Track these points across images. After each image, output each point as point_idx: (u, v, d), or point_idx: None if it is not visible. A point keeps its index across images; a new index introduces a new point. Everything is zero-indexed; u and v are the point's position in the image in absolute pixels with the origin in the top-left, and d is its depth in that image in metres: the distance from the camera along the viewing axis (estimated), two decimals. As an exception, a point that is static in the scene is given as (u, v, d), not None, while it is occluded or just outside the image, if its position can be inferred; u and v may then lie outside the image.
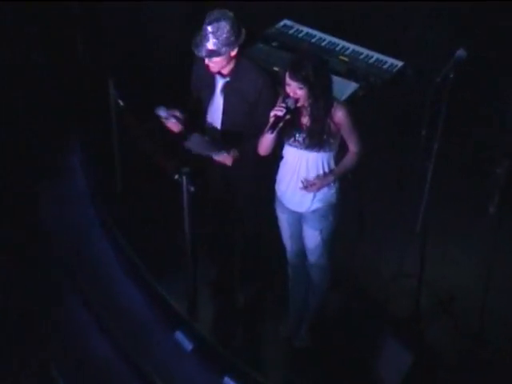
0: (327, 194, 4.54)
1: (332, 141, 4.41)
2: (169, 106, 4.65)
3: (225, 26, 4.48)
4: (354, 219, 5.34)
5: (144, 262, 5.47)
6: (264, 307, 5.35)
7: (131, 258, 5.51)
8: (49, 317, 5.29)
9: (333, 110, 4.35)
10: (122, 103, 5.59)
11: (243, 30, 4.57)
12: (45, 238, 5.70)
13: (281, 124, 4.30)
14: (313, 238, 4.66)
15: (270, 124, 4.31)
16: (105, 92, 5.65)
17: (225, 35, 4.48)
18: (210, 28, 4.48)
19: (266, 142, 4.43)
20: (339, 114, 4.36)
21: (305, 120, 4.40)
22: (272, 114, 4.30)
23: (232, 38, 4.50)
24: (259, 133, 4.47)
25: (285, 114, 4.28)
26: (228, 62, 4.59)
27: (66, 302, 5.36)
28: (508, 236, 5.06)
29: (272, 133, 4.31)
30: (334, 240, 4.70)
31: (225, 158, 4.66)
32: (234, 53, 4.55)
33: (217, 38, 4.48)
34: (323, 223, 4.60)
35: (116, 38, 6.79)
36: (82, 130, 6.41)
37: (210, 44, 4.49)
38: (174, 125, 4.66)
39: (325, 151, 4.43)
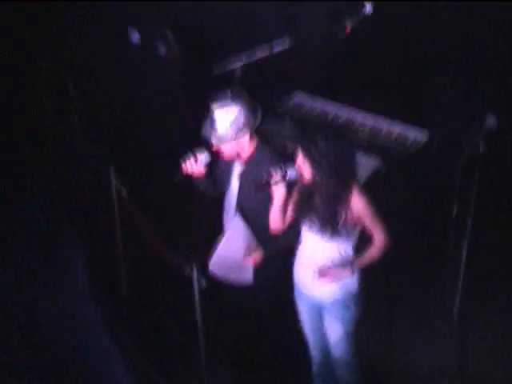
0: (348, 281, 4.30)
1: (350, 228, 4.18)
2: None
3: (234, 111, 4.28)
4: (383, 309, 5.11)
5: (153, 368, 5.14)
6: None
7: (140, 365, 5.20)
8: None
9: (351, 196, 4.12)
10: (124, 192, 5.36)
11: (258, 115, 4.37)
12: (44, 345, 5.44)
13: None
14: (335, 330, 4.43)
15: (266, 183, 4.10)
16: (106, 181, 5.44)
17: (233, 121, 4.27)
18: (217, 112, 4.27)
19: (274, 215, 4.24)
20: (357, 202, 4.13)
21: (318, 203, 4.16)
22: (267, 172, 4.10)
23: (241, 124, 4.29)
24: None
25: (280, 180, 4.08)
26: (242, 149, 4.38)
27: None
28: None
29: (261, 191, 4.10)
30: (360, 334, 4.45)
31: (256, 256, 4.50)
32: (245, 139, 4.32)
33: (224, 124, 4.26)
34: (345, 313, 4.38)
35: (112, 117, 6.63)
36: (83, 225, 6.20)
37: (218, 129, 4.29)
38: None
39: (342, 239, 4.20)
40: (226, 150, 4.36)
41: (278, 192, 4.15)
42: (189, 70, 6.61)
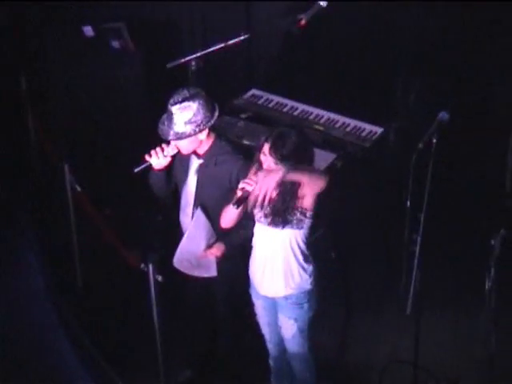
0: (300, 279, 4.31)
1: (301, 216, 4.19)
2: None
3: (191, 107, 4.27)
4: (340, 302, 5.14)
5: (110, 360, 5.17)
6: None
7: (96, 360, 5.20)
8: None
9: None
10: (79, 188, 5.36)
11: (215, 111, 4.38)
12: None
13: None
14: (288, 326, 4.43)
15: (236, 197, 4.08)
16: (60, 178, 5.43)
17: (191, 117, 4.27)
18: (175, 109, 4.27)
19: (230, 215, 4.25)
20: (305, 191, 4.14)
21: (272, 195, 4.14)
22: (240, 186, 4.06)
23: (199, 120, 4.29)
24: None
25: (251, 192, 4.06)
26: (199, 144, 4.39)
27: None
28: (508, 313, 4.84)
29: (237, 207, 4.09)
30: (313, 328, 4.47)
31: (218, 248, 4.49)
32: (203, 135, 4.35)
33: (182, 120, 4.27)
34: (297, 311, 4.38)
35: (64, 113, 6.58)
36: (37, 221, 6.17)
37: (176, 126, 4.28)
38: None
39: (292, 228, 4.20)
40: (183, 146, 4.36)
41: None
42: (144, 64, 6.61)
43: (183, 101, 4.28)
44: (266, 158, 4.11)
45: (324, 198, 4.23)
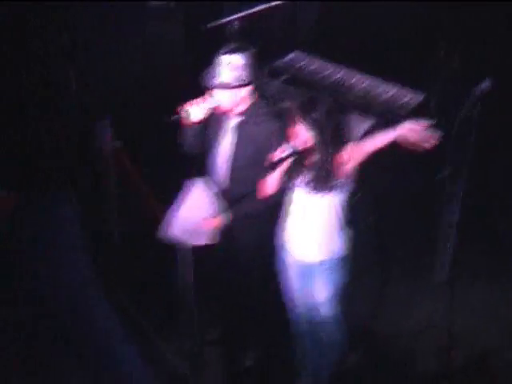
0: (337, 245, 4.34)
1: (344, 180, 4.21)
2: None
3: (242, 59, 4.27)
4: (375, 268, 5.15)
5: (144, 318, 5.25)
6: (273, 369, 5.08)
7: (130, 314, 5.26)
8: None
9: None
10: (118, 144, 5.37)
11: (259, 71, 4.41)
12: (37, 295, 5.46)
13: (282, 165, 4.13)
14: (322, 291, 4.46)
15: (270, 165, 4.12)
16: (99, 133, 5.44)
17: (239, 68, 4.26)
18: (225, 58, 4.26)
19: (271, 181, 4.24)
20: (347, 151, 4.16)
21: (313, 160, 4.18)
22: (276, 154, 4.10)
23: (246, 74, 4.29)
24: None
25: (288, 156, 4.11)
26: (240, 102, 4.37)
27: (60, 366, 5.09)
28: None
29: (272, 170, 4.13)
30: (347, 294, 4.51)
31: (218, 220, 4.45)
32: (245, 91, 4.34)
33: (230, 70, 4.25)
34: (332, 276, 4.41)
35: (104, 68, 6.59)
36: (76, 176, 6.19)
37: (223, 75, 4.27)
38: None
39: (335, 193, 4.22)
40: (224, 99, 4.33)
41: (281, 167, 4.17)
42: (185, 23, 6.59)
43: (234, 52, 4.27)
44: (299, 126, 4.11)
45: (366, 166, 4.24)
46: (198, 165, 4.69)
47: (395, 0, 6.56)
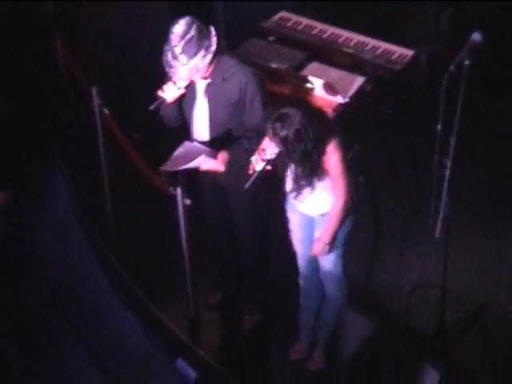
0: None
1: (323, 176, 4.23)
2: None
3: (192, 40, 4.27)
4: (369, 227, 5.14)
5: (140, 285, 5.25)
6: (273, 328, 5.16)
7: (126, 282, 5.30)
8: (37, 350, 5.08)
9: (327, 150, 4.12)
10: (107, 111, 5.37)
11: (213, 32, 4.35)
12: (32, 265, 5.50)
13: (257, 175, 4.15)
14: None
15: (249, 177, 4.14)
16: (88, 101, 5.44)
17: (195, 49, 4.28)
18: (177, 49, 4.27)
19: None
20: (331, 156, 4.13)
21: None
22: (250, 166, 4.13)
23: (204, 49, 4.30)
24: (250, 131, 4.39)
25: (264, 167, 4.12)
26: (207, 67, 4.39)
27: (56, 334, 5.14)
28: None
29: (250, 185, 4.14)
30: (347, 250, 4.54)
31: (216, 165, 4.45)
32: (209, 57, 4.34)
33: (188, 55, 4.27)
34: None
35: (92, 40, 6.57)
36: (66, 145, 6.20)
37: (183, 62, 4.29)
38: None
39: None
40: (196, 77, 4.39)
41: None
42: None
43: (182, 37, 4.27)
44: (271, 140, 4.10)
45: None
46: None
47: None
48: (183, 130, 4.68)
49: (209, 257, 5.25)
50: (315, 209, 4.39)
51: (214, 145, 4.53)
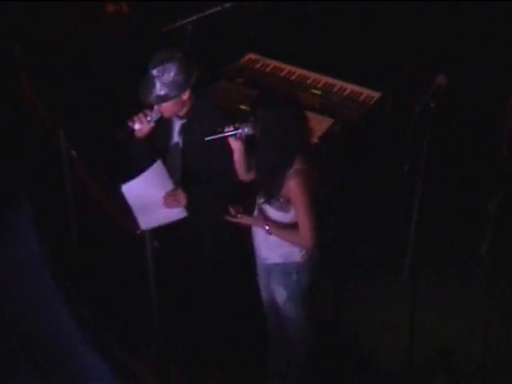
0: (289, 250, 4.31)
1: (286, 206, 4.17)
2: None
3: (171, 69, 4.29)
4: (336, 269, 5.14)
5: (108, 332, 5.20)
6: (242, 369, 5.09)
7: (93, 327, 5.23)
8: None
9: (290, 173, 4.09)
10: (75, 154, 5.36)
11: (195, 70, 4.39)
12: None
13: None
14: (278, 293, 4.48)
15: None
16: (55, 144, 5.42)
17: (172, 78, 4.29)
18: (155, 72, 4.29)
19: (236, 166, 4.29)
20: (292, 183, 4.08)
21: (259, 168, 4.22)
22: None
23: (181, 81, 4.32)
24: (220, 177, 4.38)
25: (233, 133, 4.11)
26: (182, 106, 4.42)
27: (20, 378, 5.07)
28: (504, 278, 4.88)
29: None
30: (308, 299, 4.50)
31: (179, 197, 4.42)
32: (185, 96, 4.37)
33: (164, 83, 4.29)
34: (286, 280, 4.41)
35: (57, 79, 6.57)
36: (33, 188, 6.17)
37: (157, 89, 4.30)
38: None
39: (278, 210, 4.21)
40: (167, 109, 4.37)
41: (234, 145, 4.17)
42: (138, 27, 6.58)
43: (162, 63, 4.29)
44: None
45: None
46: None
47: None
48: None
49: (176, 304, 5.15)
50: (268, 254, 4.36)
51: (185, 184, 4.51)
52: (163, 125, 4.54)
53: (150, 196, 4.43)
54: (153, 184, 4.42)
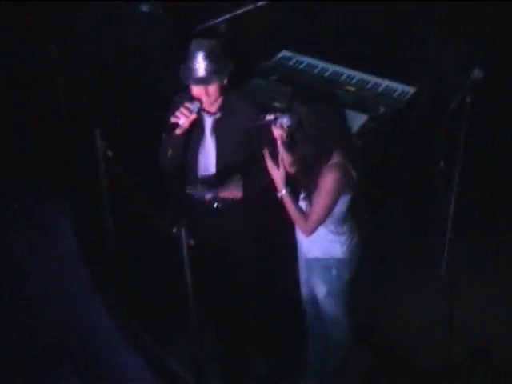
0: (330, 245, 4.35)
1: None
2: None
3: (216, 50, 4.38)
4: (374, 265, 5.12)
5: (145, 329, 5.21)
6: (279, 368, 5.12)
7: (131, 326, 5.26)
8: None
9: (325, 169, 4.13)
10: (110, 154, 5.38)
11: (231, 59, 4.47)
12: (34, 305, 5.48)
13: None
14: (318, 287, 4.50)
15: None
16: (92, 144, 5.46)
17: (219, 59, 4.37)
18: (202, 53, 4.35)
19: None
20: (325, 177, 4.11)
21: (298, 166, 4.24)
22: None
23: (224, 64, 4.40)
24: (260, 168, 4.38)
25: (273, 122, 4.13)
26: (219, 94, 4.45)
27: (58, 377, 5.11)
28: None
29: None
30: (348, 295, 4.51)
31: (234, 191, 4.51)
32: (225, 80, 4.42)
33: (212, 62, 4.35)
34: (326, 275, 4.43)
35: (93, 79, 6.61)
36: (70, 187, 6.21)
37: (204, 70, 4.36)
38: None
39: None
40: (212, 93, 4.41)
41: (276, 132, 4.17)
42: (172, 27, 6.59)
43: (208, 46, 4.37)
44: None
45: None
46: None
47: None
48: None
49: (212, 294, 5.17)
50: (310, 249, 4.39)
51: (220, 180, 4.57)
52: (194, 123, 4.55)
53: None
54: None
